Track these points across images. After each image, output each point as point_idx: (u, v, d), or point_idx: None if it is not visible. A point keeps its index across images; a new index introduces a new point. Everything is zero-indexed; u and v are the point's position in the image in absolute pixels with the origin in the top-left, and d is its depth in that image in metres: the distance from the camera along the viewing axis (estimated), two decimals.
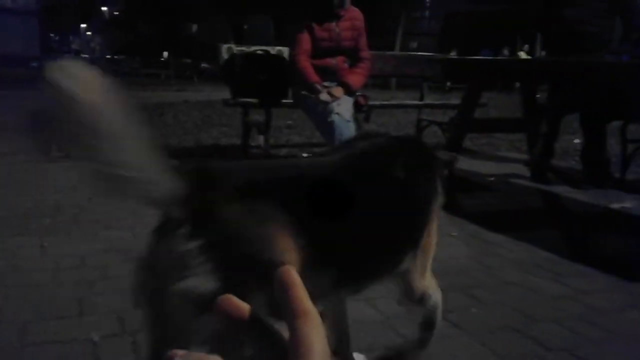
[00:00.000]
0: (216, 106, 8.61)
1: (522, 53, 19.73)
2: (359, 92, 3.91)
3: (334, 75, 3.82)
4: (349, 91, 3.77)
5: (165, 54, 29.65)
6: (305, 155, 4.98)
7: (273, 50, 4.93)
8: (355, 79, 3.82)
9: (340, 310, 1.42)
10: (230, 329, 0.31)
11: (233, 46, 4.95)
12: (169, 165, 0.79)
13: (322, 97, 3.54)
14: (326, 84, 3.73)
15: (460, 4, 26.12)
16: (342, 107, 3.58)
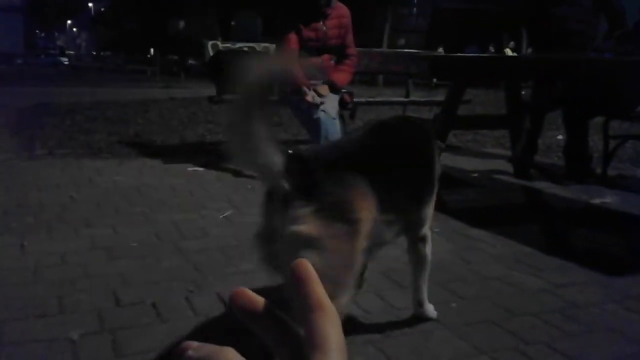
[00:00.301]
0: (202, 103, 8.56)
1: (508, 50, 19.92)
2: (344, 90, 3.92)
3: (321, 74, 3.82)
4: (335, 89, 3.77)
5: (151, 50, 29.46)
6: (291, 152, 4.97)
7: (259, 47, 4.92)
8: (341, 76, 3.82)
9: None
10: (246, 321, 0.31)
11: (219, 43, 4.93)
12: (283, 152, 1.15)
13: (310, 99, 3.54)
14: (312, 82, 3.73)
15: (447, 1, 26.23)
16: (328, 105, 3.58)
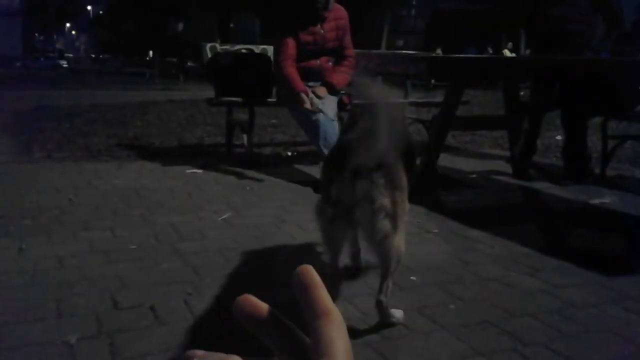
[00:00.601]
0: (201, 105, 8.57)
1: (506, 51, 19.90)
2: (342, 91, 3.92)
3: (318, 75, 3.83)
4: (333, 90, 3.78)
5: (150, 53, 29.48)
6: (290, 153, 4.98)
7: (257, 49, 4.92)
8: (339, 78, 3.83)
9: None
10: (250, 328, 0.31)
11: (217, 45, 4.93)
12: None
13: (307, 107, 3.52)
14: (310, 84, 3.73)
15: (446, 2, 26.25)
16: (326, 106, 3.59)
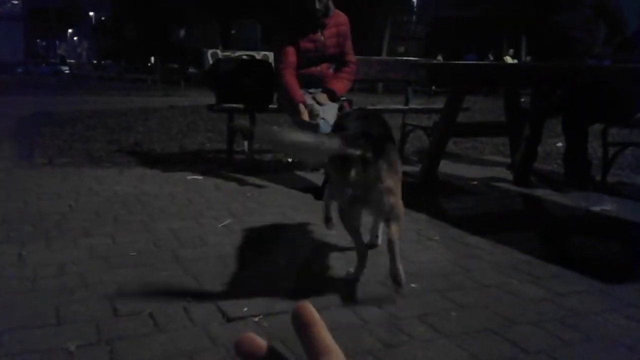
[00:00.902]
0: (202, 111, 8.58)
1: (507, 57, 19.93)
2: (343, 97, 3.92)
3: (319, 82, 3.82)
4: (334, 97, 3.77)
5: (152, 59, 29.57)
6: (291, 160, 4.99)
7: (259, 55, 4.94)
8: (340, 85, 3.82)
9: None
10: None
11: (218, 51, 4.95)
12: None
13: (305, 119, 3.48)
14: (311, 91, 3.73)
15: (447, 9, 26.33)
16: (327, 113, 3.58)
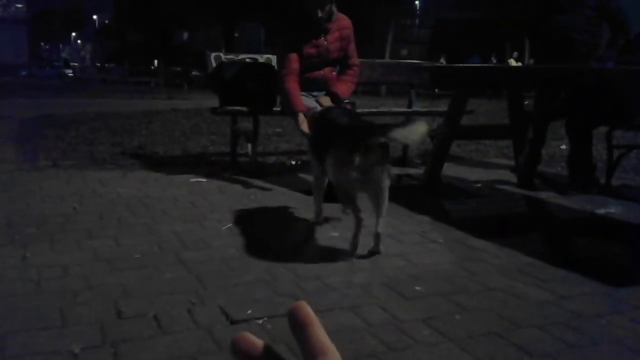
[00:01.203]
0: (205, 114, 8.60)
1: (512, 60, 19.92)
2: (346, 100, 3.92)
3: (322, 85, 3.82)
4: (337, 100, 3.77)
5: (155, 62, 29.65)
6: (294, 162, 4.99)
7: (262, 58, 4.95)
8: (344, 87, 3.81)
9: None
10: None
11: (222, 54, 4.96)
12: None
13: (304, 129, 3.36)
14: (314, 94, 3.73)
15: (450, 11, 26.34)
16: None
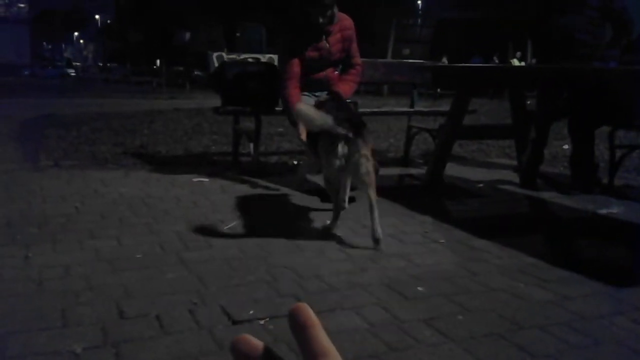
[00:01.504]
0: (207, 114, 8.60)
1: (514, 60, 19.87)
2: (348, 100, 3.92)
3: (325, 85, 3.81)
4: (340, 100, 3.76)
5: (157, 61, 29.68)
6: (296, 162, 4.99)
7: (264, 58, 4.95)
8: (346, 87, 3.81)
9: None
10: None
11: (223, 54, 4.95)
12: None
13: (303, 138, 3.22)
14: (317, 94, 3.73)
15: (452, 11, 26.30)
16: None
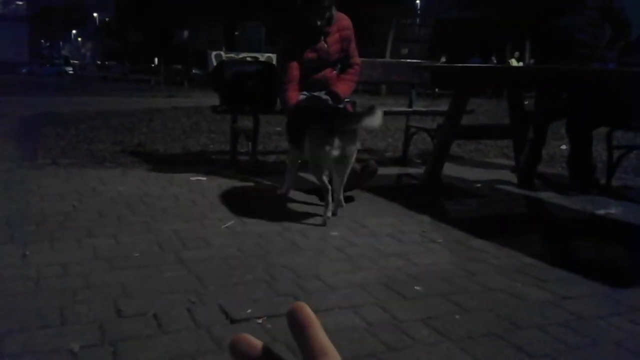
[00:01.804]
0: (205, 112, 8.60)
1: (513, 60, 19.87)
2: (347, 99, 3.92)
3: (323, 85, 3.82)
4: (338, 99, 3.77)
5: (155, 60, 29.65)
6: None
7: (262, 57, 4.94)
8: (344, 87, 3.81)
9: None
10: None
11: (222, 53, 4.95)
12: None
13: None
14: (315, 94, 3.73)
15: (451, 11, 26.30)
16: None
